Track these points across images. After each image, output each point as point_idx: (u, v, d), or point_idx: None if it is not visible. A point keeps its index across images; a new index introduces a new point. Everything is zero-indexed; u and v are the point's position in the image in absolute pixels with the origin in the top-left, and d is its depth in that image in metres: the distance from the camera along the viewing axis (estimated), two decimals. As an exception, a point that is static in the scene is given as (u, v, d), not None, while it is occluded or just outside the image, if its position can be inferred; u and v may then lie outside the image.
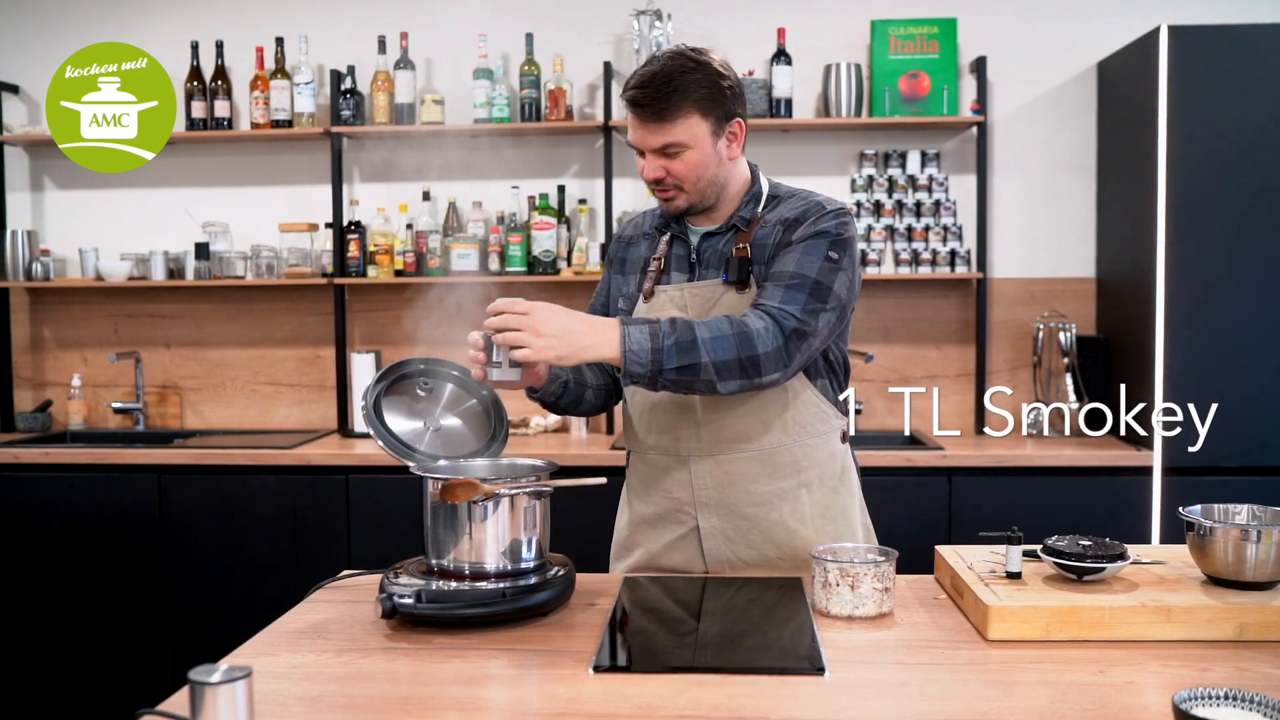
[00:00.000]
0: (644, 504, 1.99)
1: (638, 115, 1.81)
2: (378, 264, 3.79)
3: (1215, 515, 1.69)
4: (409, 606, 1.60)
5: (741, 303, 1.85)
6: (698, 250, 1.93)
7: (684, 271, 1.95)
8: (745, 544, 1.92)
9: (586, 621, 1.66)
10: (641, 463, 1.99)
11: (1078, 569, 1.64)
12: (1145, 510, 3.26)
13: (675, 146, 1.81)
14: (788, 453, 1.91)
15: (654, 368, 1.69)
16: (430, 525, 1.70)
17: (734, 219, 1.91)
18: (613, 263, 2.08)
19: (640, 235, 2.05)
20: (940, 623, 1.63)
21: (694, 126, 1.81)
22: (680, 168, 1.83)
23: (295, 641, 1.59)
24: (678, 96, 1.78)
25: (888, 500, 3.34)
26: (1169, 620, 1.53)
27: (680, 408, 1.90)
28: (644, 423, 1.96)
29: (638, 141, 1.84)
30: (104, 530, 3.46)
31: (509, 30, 3.84)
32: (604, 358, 1.70)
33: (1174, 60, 3.20)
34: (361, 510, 3.41)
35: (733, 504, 1.91)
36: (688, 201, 1.88)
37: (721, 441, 1.90)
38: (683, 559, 1.96)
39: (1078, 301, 3.80)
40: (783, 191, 1.94)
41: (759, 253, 1.87)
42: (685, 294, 1.92)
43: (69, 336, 4.06)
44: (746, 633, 1.62)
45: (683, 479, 1.93)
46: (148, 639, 3.47)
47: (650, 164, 1.85)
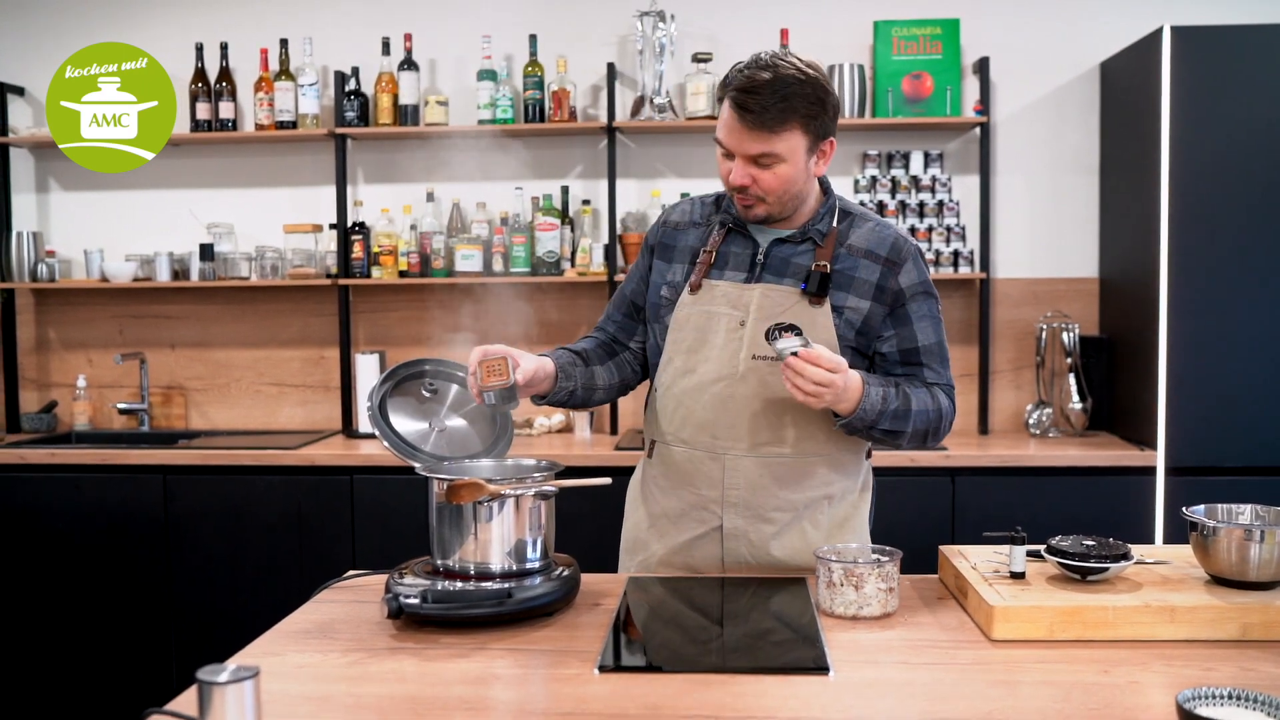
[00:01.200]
0: (668, 498, 1.96)
1: (742, 120, 1.76)
2: (382, 265, 3.80)
3: (1219, 515, 1.70)
4: (415, 607, 1.61)
5: (814, 315, 1.85)
6: (766, 253, 1.90)
7: (742, 270, 1.90)
8: (765, 548, 1.91)
9: (592, 622, 1.66)
10: (669, 456, 1.95)
11: (1081, 569, 1.64)
12: (1149, 510, 3.26)
13: (771, 158, 1.79)
14: (823, 463, 1.91)
15: (867, 423, 1.80)
16: (436, 526, 1.71)
17: (809, 230, 1.89)
18: (656, 248, 2.01)
19: (690, 223, 1.99)
20: (944, 622, 1.64)
21: (794, 141, 1.78)
22: (770, 180, 1.80)
23: (302, 641, 1.60)
24: (788, 110, 1.75)
25: (892, 500, 3.33)
26: (1173, 620, 1.54)
27: (723, 405, 1.87)
28: (679, 417, 1.92)
29: (733, 144, 1.80)
30: (109, 531, 3.47)
31: (513, 31, 3.84)
32: (842, 410, 1.78)
33: (1177, 61, 3.20)
34: (366, 511, 3.42)
35: (760, 506, 1.89)
36: (766, 212, 1.85)
37: (760, 444, 1.88)
38: (701, 557, 1.94)
39: (1081, 301, 3.80)
40: (854, 209, 1.94)
41: (844, 280, 1.87)
42: (753, 294, 1.87)
43: (74, 337, 4.07)
44: (751, 633, 1.62)
45: (714, 476, 1.90)
46: (153, 639, 3.48)
47: (739, 170, 1.80)
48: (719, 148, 1.84)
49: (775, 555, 1.91)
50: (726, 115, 1.79)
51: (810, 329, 1.82)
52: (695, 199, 2.04)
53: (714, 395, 1.88)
